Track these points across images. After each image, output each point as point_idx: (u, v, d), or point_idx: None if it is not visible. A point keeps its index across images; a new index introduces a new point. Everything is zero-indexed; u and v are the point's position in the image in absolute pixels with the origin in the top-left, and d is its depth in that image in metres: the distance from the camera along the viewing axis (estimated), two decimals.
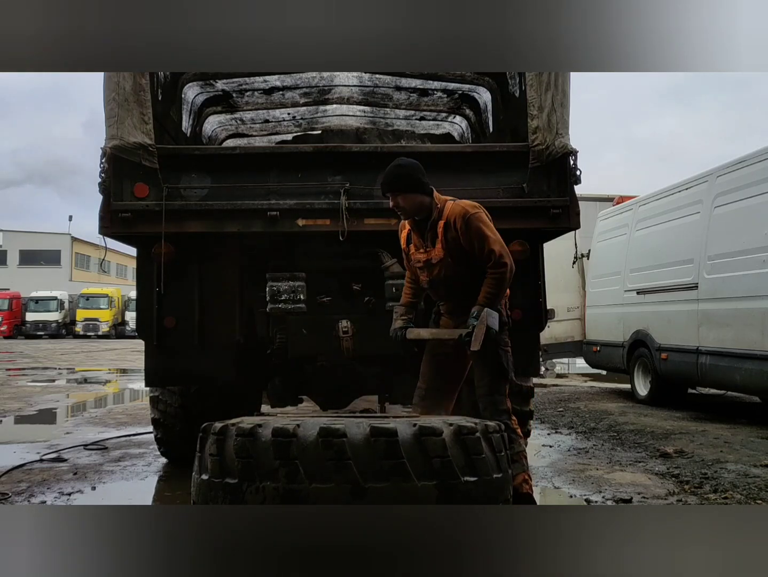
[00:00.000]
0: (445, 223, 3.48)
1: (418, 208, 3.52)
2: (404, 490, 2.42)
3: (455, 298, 3.65)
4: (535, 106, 4.26)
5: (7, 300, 37.61)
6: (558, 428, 7.00)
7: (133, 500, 4.26)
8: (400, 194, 3.49)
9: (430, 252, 3.55)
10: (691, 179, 8.11)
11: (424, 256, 3.58)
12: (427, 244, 3.56)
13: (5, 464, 5.07)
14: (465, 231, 3.43)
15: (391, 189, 3.52)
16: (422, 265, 3.61)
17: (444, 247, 3.49)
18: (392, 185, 3.51)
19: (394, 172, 3.51)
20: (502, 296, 3.56)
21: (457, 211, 3.47)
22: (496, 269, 3.45)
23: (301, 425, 2.52)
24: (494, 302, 3.47)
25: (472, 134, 6.71)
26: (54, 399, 9.74)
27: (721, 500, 4.08)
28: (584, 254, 10.90)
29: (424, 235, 3.57)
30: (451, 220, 3.46)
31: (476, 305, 3.45)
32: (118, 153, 4.10)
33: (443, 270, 3.55)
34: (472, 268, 3.51)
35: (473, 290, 3.52)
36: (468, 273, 3.54)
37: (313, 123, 7.26)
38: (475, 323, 3.41)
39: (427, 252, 3.57)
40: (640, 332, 8.79)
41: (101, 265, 32.71)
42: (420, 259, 3.61)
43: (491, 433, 2.69)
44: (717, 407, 8.43)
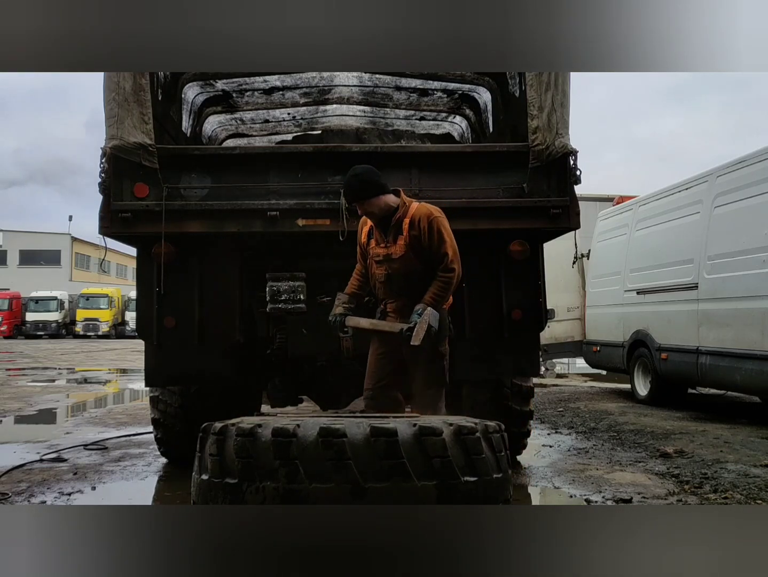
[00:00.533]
0: (411, 221, 3.66)
1: (385, 209, 3.70)
2: (404, 490, 2.42)
3: (407, 295, 3.74)
4: (535, 106, 4.26)
5: (7, 300, 37.61)
6: (558, 428, 7.00)
7: (133, 500, 4.26)
8: (366, 201, 3.66)
9: (390, 247, 3.71)
10: (691, 179, 8.11)
11: (385, 251, 3.73)
12: (389, 240, 3.71)
13: (5, 464, 5.07)
14: (428, 231, 3.63)
15: (357, 198, 3.68)
16: (382, 259, 3.74)
17: (406, 243, 3.66)
18: (358, 195, 3.67)
19: (355, 183, 3.68)
20: (446, 299, 3.75)
21: (423, 211, 3.69)
22: (445, 273, 3.67)
23: (301, 425, 2.52)
24: (439, 304, 3.67)
25: (472, 134, 6.71)
26: (54, 399, 9.74)
27: (721, 500, 4.08)
28: (584, 254, 10.89)
29: (386, 231, 3.72)
30: (416, 219, 3.66)
31: (421, 303, 3.62)
32: (118, 153, 4.10)
33: (403, 265, 3.69)
34: (428, 268, 3.69)
35: (424, 290, 3.68)
36: (423, 271, 3.70)
37: (313, 123, 7.26)
38: (417, 319, 3.56)
39: (387, 247, 3.72)
40: (640, 332, 8.79)
41: (101, 265, 32.70)
42: (380, 254, 3.74)
43: (491, 433, 2.69)
44: (717, 407, 8.43)
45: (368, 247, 3.81)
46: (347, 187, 3.73)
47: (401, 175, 4.31)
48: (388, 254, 3.71)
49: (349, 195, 3.75)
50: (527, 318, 4.60)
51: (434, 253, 3.66)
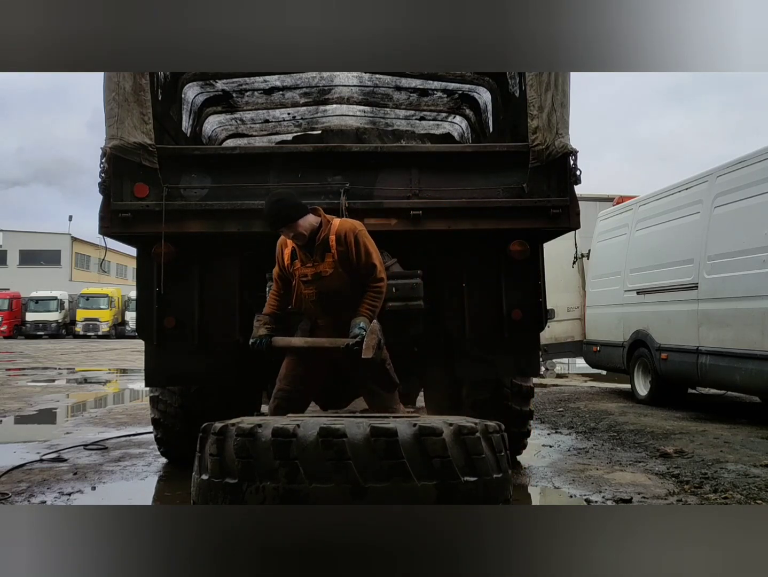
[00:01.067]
0: (337, 237, 3.67)
1: (310, 229, 3.68)
2: (404, 490, 2.42)
3: (340, 310, 3.74)
4: (535, 106, 4.26)
5: (7, 300, 37.60)
6: (558, 428, 7.00)
7: (133, 500, 4.26)
8: (292, 224, 3.63)
9: (318, 266, 3.70)
10: (691, 179, 8.11)
11: (313, 270, 3.70)
12: (316, 259, 3.70)
13: (5, 464, 5.07)
14: (354, 245, 3.66)
15: (283, 224, 3.64)
16: (311, 279, 3.72)
17: (335, 260, 3.67)
18: (283, 220, 3.63)
19: (279, 207, 3.64)
20: (379, 309, 3.77)
21: (347, 226, 3.72)
22: (376, 283, 3.72)
23: (301, 425, 2.52)
24: (374, 315, 3.70)
25: (472, 134, 6.71)
26: (54, 399, 9.74)
27: (721, 500, 4.08)
28: (584, 254, 10.90)
29: (312, 251, 3.70)
30: (342, 235, 3.67)
31: (358, 317, 3.65)
32: (118, 153, 4.10)
33: (334, 282, 3.70)
34: (356, 282, 3.72)
35: (354, 303, 3.70)
36: (353, 286, 3.73)
37: (313, 123, 7.27)
38: (363, 332, 3.58)
39: (315, 266, 3.70)
40: (640, 332, 8.79)
41: (101, 265, 32.69)
42: (308, 274, 3.71)
43: (491, 433, 2.69)
44: (717, 407, 8.43)
45: (293, 270, 3.77)
46: (272, 213, 3.65)
47: (401, 175, 4.31)
48: (317, 273, 3.69)
49: (276, 220, 3.65)
50: (527, 318, 4.60)
51: (363, 266, 3.69)
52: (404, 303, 4.36)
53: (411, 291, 4.35)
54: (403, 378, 5.17)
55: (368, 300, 3.71)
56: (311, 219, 3.69)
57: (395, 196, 4.29)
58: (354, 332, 3.61)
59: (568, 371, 14.93)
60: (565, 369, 15.21)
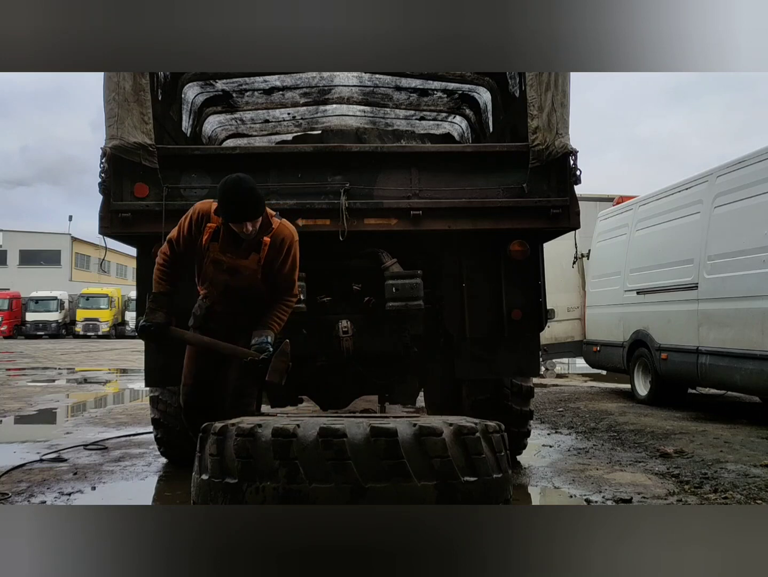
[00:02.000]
0: (272, 241, 3.44)
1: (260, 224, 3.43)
2: (404, 490, 2.42)
3: (240, 309, 3.58)
4: (535, 106, 4.26)
5: (7, 300, 37.60)
6: (558, 428, 7.00)
7: (133, 500, 4.26)
8: (257, 219, 3.37)
9: (239, 260, 3.45)
10: (691, 179, 8.11)
11: (231, 261, 3.45)
12: (240, 252, 3.45)
13: (5, 464, 5.07)
14: (286, 253, 3.48)
15: (255, 216, 3.34)
16: (225, 268, 3.47)
17: (260, 261, 3.44)
18: (256, 212, 3.34)
19: (252, 199, 3.30)
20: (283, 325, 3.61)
21: (286, 233, 3.49)
22: (291, 298, 3.59)
23: (301, 425, 2.52)
24: (280, 329, 3.55)
25: (472, 134, 6.71)
26: (54, 399, 9.73)
27: (721, 500, 4.08)
28: (584, 254, 10.90)
29: (239, 242, 3.44)
30: (279, 239, 3.46)
31: (265, 329, 3.47)
32: (118, 153, 4.11)
33: (247, 281, 3.49)
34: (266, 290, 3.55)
35: (256, 309, 3.55)
36: (261, 291, 3.55)
37: (313, 123, 7.27)
38: (269, 348, 3.40)
39: (235, 259, 3.45)
40: (640, 332, 8.79)
41: (101, 265, 32.69)
42: (223, 261, 3.46)
43: (491, 433, 2.69)
44: (717, 407, 8.43)
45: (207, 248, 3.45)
46: (244, 203, 3.27)
47: (401, 175, 4.31)
48: (234, 265, 3.45)
49: (246, 213, 3.30)
50: (527, 318, 4.60)
51: (283, 277, 3.52)
52: (404, 303, 4.36)
53: (411, 291, 4.36)
54: (403, 378, 5.20)
55: (277, 312, 3.53)
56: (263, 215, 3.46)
57: (395, 196, 4.29)
58: (259, 346, 3.42)
59: (568, 371, 14.93)
60: (565, 369, 15.22)
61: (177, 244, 3.54)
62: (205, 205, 3.50)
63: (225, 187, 3.32)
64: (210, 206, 3.47)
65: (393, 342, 4.60)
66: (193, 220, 3.48)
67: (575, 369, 14.79)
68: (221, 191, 3.32)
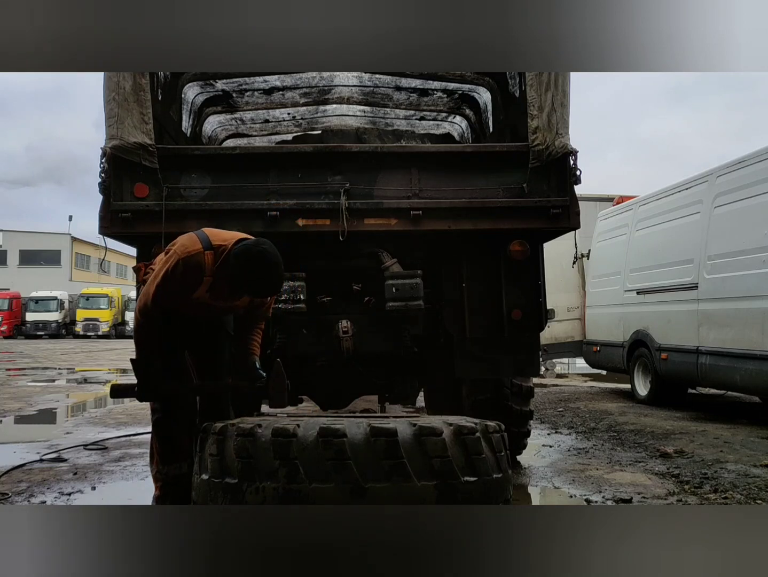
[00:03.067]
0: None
1: None
2: (404, 490, 2.42)
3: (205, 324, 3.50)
4: (535, 106, 4.26)
5: (7, 300, 37.60)
6: (558, 428, 7.00)
7: (133, 500, 4.27)
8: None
9: (225, 303, 3.36)
10: (691, 179, 8.11)
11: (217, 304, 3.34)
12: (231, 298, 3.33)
13: (5, 464, 5.07)
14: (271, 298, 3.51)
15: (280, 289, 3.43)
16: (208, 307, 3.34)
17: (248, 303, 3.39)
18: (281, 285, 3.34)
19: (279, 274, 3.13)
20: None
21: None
22: (263, 324, 3.54)
23: (301, 425, 2.52)
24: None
25: (472, 134, 6.71)
26: (54, 399, 9.74)
27: (721, 500, 4.08)
28: (584, 254, 10.90)
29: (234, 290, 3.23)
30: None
31: (252, 356, 3.41)
32: (118, 153, 4.11)
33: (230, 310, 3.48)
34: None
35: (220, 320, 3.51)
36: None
37: (313, 123, 7.27)
38: (262, 374, 3.34)
39: (222, 302, 3.35)
40: (640, 332, 8.79)
41: (101, 265, 32.70)
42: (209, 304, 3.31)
43: (491, 433, 2.69)
44: (717, 407, 8.43)
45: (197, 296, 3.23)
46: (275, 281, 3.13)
47: (401, 175, 4.31)
48: (219, 307, 3.37)
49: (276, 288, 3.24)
50: (527, 318, 4.60)
51: (264, 310, 3.51)
52: (404, 303, 4.36)
53: (411, 291, 4.36)
54: (403, 378, 5.20)
55: (255, 337, 3.48)
56: None
57: (395, 196, 4.29)
58: (252, 374, 3.37)
59: (568, 371, 14.93)
60: (565, 369, 15.21)
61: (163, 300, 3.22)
62: (192, 259, 3.13)
63: (250, 263, 3.02)
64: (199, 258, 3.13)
65: (393, 342, 4.60)
66: (183, 276, 3.13)
67: (575, 369, 14.79)
68: (245, 267, 3.03)
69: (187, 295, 3.21)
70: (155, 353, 3.30)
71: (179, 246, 3.19)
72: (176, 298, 3.23)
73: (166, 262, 3.16)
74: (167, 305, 3.26)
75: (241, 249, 3.07)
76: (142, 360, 3.29)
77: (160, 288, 3.16)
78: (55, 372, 14.96)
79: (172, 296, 3.21)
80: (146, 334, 3.28)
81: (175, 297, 3.22)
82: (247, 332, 3.49)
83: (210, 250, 3.16)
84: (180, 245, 3.20)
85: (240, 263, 3.04)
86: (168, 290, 3.16)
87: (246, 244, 3.10)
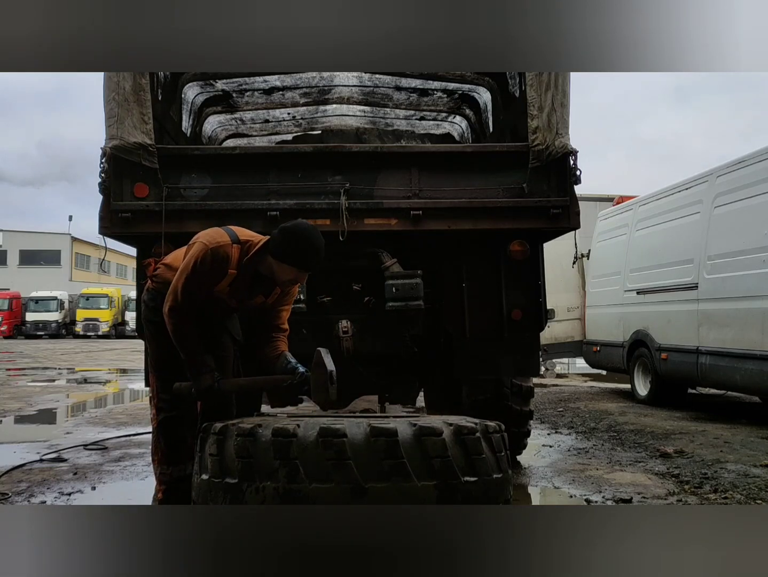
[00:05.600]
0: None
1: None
2: (404, 490, 2.42)
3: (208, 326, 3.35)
4: (535, 106, 4.26)
5: (7, 300, 37.60)
6: (558, 428, 7.00)
7: (133, 500, 4.26)
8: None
9: (242, 302, 3.30)
10: (691, 179, 8.11)
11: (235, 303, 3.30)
12: (249, 295, 3.27)
13: (5, 464, 5.07)
14: (291, 295, 3.42)
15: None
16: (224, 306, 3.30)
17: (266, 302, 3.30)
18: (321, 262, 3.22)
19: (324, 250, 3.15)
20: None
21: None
22: (284, 335, 3.37)
23: (301, 425, 2.52)
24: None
25: (472, 134, 6.71)
26: (54, 399, 9.73)
27: (721, 500, 4.08)
28: (584, 254, 10.90)
29: (253, 288, 3.24)
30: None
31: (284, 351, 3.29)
32: (118, 153, 4.10)
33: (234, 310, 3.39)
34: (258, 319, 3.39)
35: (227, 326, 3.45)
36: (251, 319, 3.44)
37: (313, 123, 7.27)
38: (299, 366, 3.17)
39: (240, 301, 3.29)
40: (640, 332, 8.79)
41: (101, 265, 32.69)
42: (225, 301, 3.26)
43: (491, 433, 2.69)
44: (717, 407, 8.43)
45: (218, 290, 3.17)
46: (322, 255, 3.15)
47: (401, 175, 4.31)
48: (235, 306, 3.32)
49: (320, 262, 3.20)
50: (527, 318, 4.60)
51: (286, 306, 3.40)
52: (404, 303, 4.36)
53: (411, 291, 4.36)
54: (403, 378, 5.20)
55: (280, 337, 3.35)
56: None
57: (395, 196, 4.28)
58: (291, 367, 3.21)
59: (568, 371, 14.93)
60: (565, 369, 15.21)
61: (197, 292, 3.13)
62: (220, 249, 3.09)
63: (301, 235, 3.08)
64: (227, 250, 3.10)
65: (393, 342, 4.60)
66: (211, 266, 3.08)
67: (575, 369, 14.79)
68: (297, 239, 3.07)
69: (210, 288, 3.13)
70: (200, 348, 3.16)
71: (207, 237, 3.14)
72: (202, 290, 3.13)
73: (194, 254, 3.08)
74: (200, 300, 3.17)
75: (291, 224, 3.16)
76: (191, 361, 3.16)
77: (191, 278, 3.07)
78: (55, 372, 14.97)
79: (204, 288, 3.12)
80: (184, 333, 3.15)
81: (201, 289, 3.12)
82: (268, 332, 3.36)
83: (237, 244, 3.14)
84: (207, 236, 3.15)
85: (292, 238, 3.08)
86: (197, 280, 3.08)
87: (295, 221, 3.22)
